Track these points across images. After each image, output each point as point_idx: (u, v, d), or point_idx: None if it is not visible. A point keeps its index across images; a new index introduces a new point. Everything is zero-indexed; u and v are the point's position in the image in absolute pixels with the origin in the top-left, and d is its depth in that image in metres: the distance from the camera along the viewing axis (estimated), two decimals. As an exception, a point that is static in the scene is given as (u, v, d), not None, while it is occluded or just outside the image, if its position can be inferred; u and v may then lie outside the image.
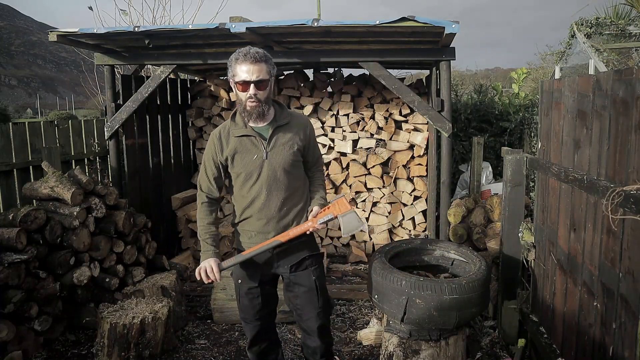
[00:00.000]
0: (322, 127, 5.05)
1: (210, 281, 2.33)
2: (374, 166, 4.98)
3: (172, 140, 5.19)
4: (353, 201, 5.05)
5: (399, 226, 5.09)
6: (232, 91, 2.31)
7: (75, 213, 3.46)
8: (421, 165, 4.95)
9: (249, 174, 2.32)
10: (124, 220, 3.79)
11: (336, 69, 5.32)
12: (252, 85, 2.18)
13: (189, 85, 5.55)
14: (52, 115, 20.81)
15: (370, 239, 5.11)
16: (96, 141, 4.74)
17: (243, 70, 2.17)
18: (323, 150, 5.01)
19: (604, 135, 2.08)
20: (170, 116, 5.17)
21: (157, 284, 3.71)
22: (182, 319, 3.72)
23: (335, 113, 5.04)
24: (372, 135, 5.01)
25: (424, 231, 4.99)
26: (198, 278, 2.34)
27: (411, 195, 4.99)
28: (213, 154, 2.35)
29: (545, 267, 2.86)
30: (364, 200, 5.07)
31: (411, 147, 4.97)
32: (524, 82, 7.60)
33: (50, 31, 3.70)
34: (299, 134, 2.39)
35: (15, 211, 3.29)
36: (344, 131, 5.03)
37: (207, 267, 2.32)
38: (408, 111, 4.90)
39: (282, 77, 5.31)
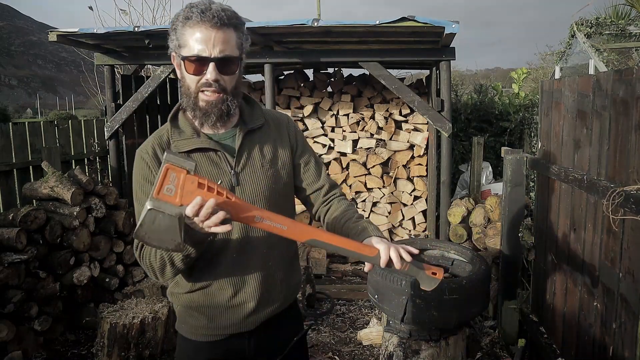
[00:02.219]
0: (322, 127, 5.05)
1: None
2: (374, 166, 4.98)
3: (172, 140, 5.18)
4: (353, 201, 5.05)
5: (399, 226, 5.09)
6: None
7: (75, 213, 3.46)
8: (421, 165, 4.95)
9: None
10: (124, 220, 3.79)
11: (336, 69, 5.32)
12: (211, 65, 1.29)
13: (189, 85, 5.54)
14: (52, 115, 20.82)
15: (370, 239, 5.11)
16: (96, 141, 4.74)
17: (198, 38, 1.28)
18: (323, 150, 5.01)
19: (604, 135, 2.08)
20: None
21: (157, 284, 3.71)
22: (182, 319, 3.72)
23: (335, 113, 5.04)
24: (372, 135, 5.01)
25: (424, 231, 4.99)
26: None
27: (411, 195, 4.99)
28: (147, 181, 1.37)
29: (545, 267, 2.86)
30: (364, 200, 5.07)
31: (411, 147, 4.97)
32: (524, 82, 7.60)
33: (50, 31, 3.70)
34: (282, 141, 1.51)
35: (15, 211, 3.28)
36: (344, 131, 5.03)
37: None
38: (408, 111, 4.90)
39: (282, 77, 5.31)
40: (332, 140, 5.05)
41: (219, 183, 1.34)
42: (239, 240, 1.40)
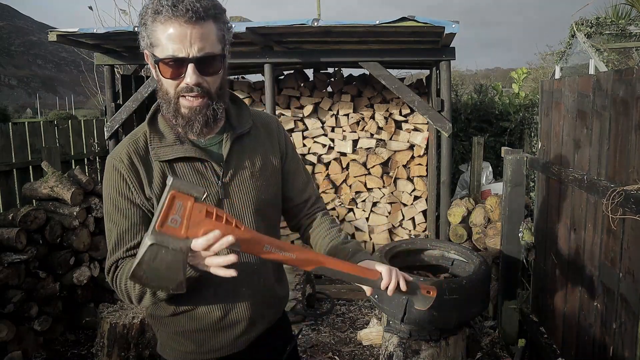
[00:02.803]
0: (322, 127, 5.04)
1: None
2: (374, 166, 4.98)
3: (172, 140, 5.18)
4: (353, 201, 5.05)
5: (399, 226, 5.09)
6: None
7: (75, 213, 3.46)
8: (421, 165, 4.95)
9: None
10: (123, 220, 3.79)
11: (336, 69, 5.32)
12: (190, 67, 1.12)
13: (189, 85, 5.54)
14: (52, 115, 20.81)
15: (370, 239, 5.11)
16: (96, 141, 4.74)
17: (171, 35, 1.11)
18: (323, 150, 5.01)
19: (604, 135, 2.08)
20: (170, 116, 5.17)
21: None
22: (182, 319, 3.72)
23: (335, 113, 5.04)
24: (372, 135, 5.01)
25: (424, 231, 4.99)
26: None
27: (411, 195, 4.98)
28: (128, 195, 1.20)
29: (545, 267, 2.86)
30: (364, 200, 5.07)
31: (411, 147, 4.97)
32: (524, 82, 7.60)
33: (50, 31, 3.70)
34: (273, 146, 1.39)
35: (15, 211, 3.28)
36: (344, 131, 5.03)
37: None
38: (408, 111, 4.90)
39: (282, 77, 5.31)
40: (332, 140, 5.05)
41: (204, 196, 1.14)
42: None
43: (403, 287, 1.20)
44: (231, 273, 1.01)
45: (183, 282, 0.97)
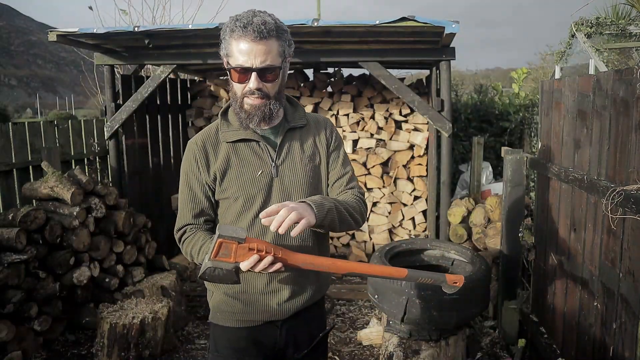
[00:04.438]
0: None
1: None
2: (374, 166, 4.98)
3: (172, 140, 5.19)
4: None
5: (399, 226, 5.09)
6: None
7: (75, 213, 3.46)
8: (421, 165, 4.95)
9: (249, 199, 1.51)
10: (123, 220, 3.79)
11: (336, 69, 5.32)
12: (253, 75, 1.42)
13: (189, 85, 5.55)
14: (51, 115, 20.83)
15: (370, 239, 5.11)
16: (96, 141, 4.74)
17: (241, 50, 1.40)
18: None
19: (604, 135, 2.08)
20: (170, 116, 5.17)
21: (157, 284, 3.71)
22: (182, 319, 3.72)
23: (335, 113, 5.04)
24: (372, 135, 5.01)
25: (424, 231, 4.99)
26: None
27: (411, 195, 4.98)
28: (196, 172, 1.53)
29: (545, 267, 2.86)
30: (364, 200, 5.07)
31: (411, 147, 4.97)
32: (524, 82, 7.60)
33: (50, 31, 3.70)
34: (320, 139, 1.63)
35: (15, 211, 3.28)
36: (344, 131, 5.03)
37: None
38: (408, 111, 4.90)
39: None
40: (332, 140, 5.05)
41: (259, 173, 1.52)
42: (273, 236, 1.49)
43: (282, 230, 1.32)
44: (276, 267, 1.32)
45: (237, 280, 1.34)
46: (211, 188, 1.55)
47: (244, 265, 1.30)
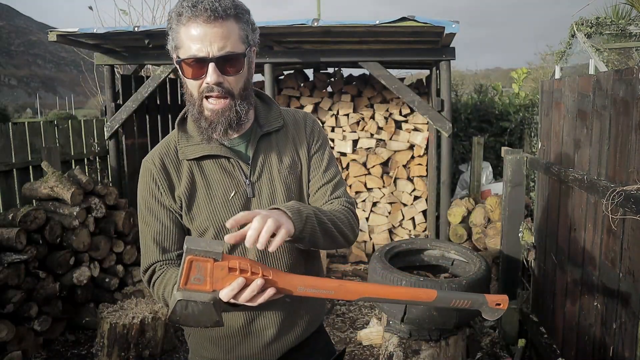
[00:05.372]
0: (322, 127, 5.05)
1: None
2: (374, 166, 4.98)
3: (172, 140, 5.19)
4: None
5: (399, 226, 5.09)
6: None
7: (75, 213, 3.46)
8: (421, 165, 4.96)
9: (223, 227, 1.22)
10: (123, 220, 3.79)
11: (336, 69, 5.33)
12: (211, 67, 1.11)
13: (188, 85, 5.55)
14: (51, 115, 20.83)
15: (370, 239, 5.11)
16: (96, 141, 4.74)
17: (192, 36, 1.10)
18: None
19: (604, 135, 2.08)
20: (170, 116, 5.17)
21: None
22: (182, 319, 3.72)
23: (335, 113, 5.04)
24: (372, 135, 5.01)
25: (424, 231, 4.99)
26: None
27: (411, 195, 4.99)
28: (158, 197, 1.25)
29: (545, 267, 2.86)
30: (364, 200, 5.07)
31: (411, 147, 4.97)
32: (524, 82, 7.60)
33: (50, 31, 3.70)
34: (300, 141, 1.32)
35: (15, 211, 3.28)
36: (344, 131, 5.04)
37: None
38: (408, 111, 4.90)
39: (282, 77, 5.31)
40: (332, 140, 5.05)
41: (232, 195, 1.22)
42: (256, 257, 1.22)
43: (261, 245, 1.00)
44: (268, 294, 1.01)
45: (219, 320, 1.01)
46: (177, 213, 1.25)
47: (224, 294, 0.97)
